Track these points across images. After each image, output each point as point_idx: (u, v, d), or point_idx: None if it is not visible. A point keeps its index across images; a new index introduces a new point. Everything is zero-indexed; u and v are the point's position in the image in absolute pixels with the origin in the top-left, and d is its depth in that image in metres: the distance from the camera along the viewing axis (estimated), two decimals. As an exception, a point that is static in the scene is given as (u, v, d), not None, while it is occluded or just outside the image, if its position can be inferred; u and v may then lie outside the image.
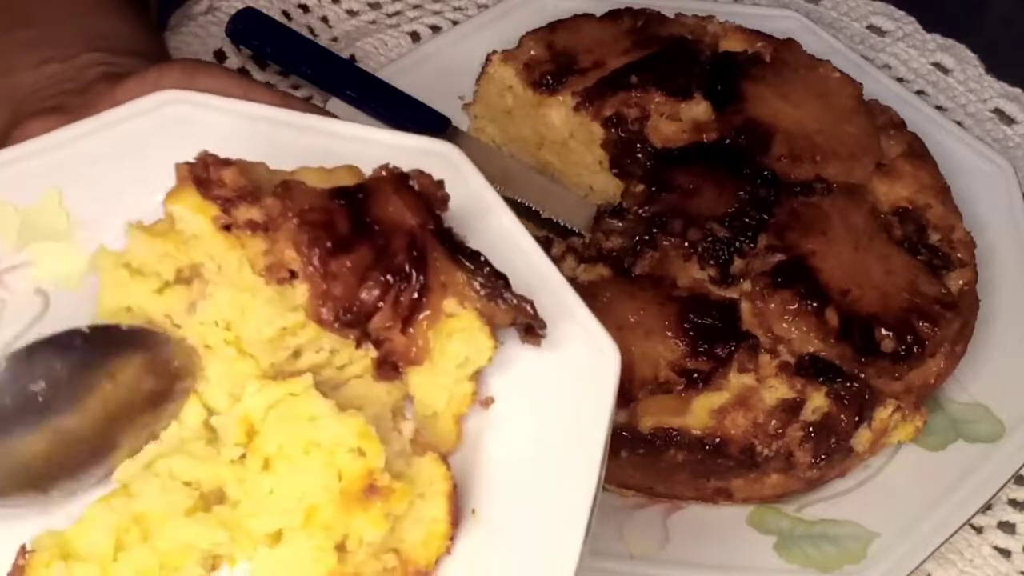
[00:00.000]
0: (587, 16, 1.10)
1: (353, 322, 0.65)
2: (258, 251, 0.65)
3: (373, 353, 0.67)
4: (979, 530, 0.93)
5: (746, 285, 0.93)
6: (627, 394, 0.87)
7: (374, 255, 0.64)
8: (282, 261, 0.64)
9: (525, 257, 0.69)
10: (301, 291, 0.65)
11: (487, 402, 0.68)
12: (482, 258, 0.66)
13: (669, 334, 0.89)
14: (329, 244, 0.63)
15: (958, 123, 1.17)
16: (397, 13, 1.23)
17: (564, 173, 1.07)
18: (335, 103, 1.09)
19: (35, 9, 0.95)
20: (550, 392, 0.67)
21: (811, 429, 0.87)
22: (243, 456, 0.66)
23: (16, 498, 0.66)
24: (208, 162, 0.65)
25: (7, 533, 0.65)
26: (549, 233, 1.02)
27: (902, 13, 1.31)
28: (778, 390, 0.88)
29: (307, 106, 0.88)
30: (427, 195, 0.66)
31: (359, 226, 0.64)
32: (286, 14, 1.21)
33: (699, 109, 1.04)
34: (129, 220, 0.69)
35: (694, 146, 1.01)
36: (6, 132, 0.83)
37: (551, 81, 1.04)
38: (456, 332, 0.65)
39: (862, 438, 0.89)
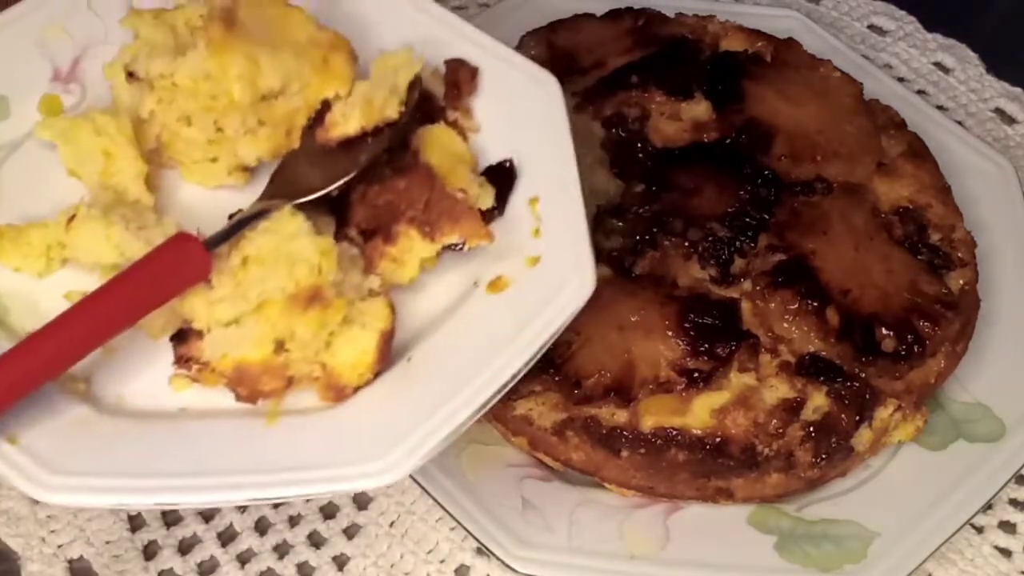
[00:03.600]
0: (587, 16, 1.11)
1: None
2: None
3: None
4: (980, 530, 0.93)
5: (746, 285, 0.93)
6: (628, 394, 0.87)
7: None
8: None
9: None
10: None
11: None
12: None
13: (670, 334, 0.89)
14: None
15: (959, 123, 1.17)
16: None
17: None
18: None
19: None
20: None
21: (812, 429, 0.87)
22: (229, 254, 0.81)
23: None
24: None
25: None
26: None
27: (903, 13, 1.31)
28: (779, 390, 0.88)
29: None
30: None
31: None
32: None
33: (699, 109, 1.04)
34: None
35: (694, 146, 1.01)
36: None
37: (552, 81, 1.04)
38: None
39: (863, 438, 0.89)
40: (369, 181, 0.86)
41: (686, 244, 0.94)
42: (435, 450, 0.74)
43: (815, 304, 0.91)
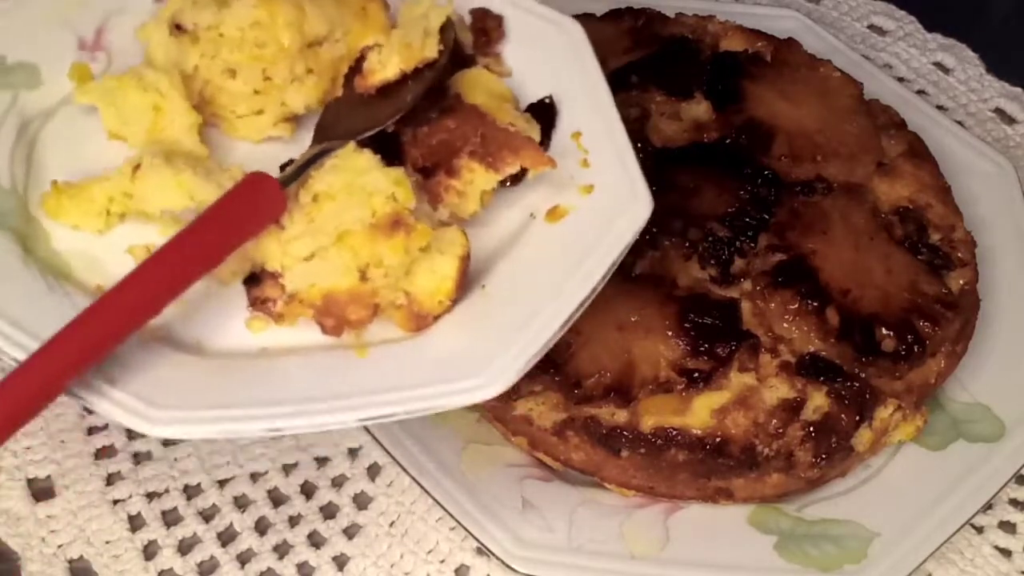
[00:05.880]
0: (587, 16, 1.10)
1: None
2: None
3: None
4: (980, 530, 0.93)
5: (747, 285, 0.93)
6: (628, 394, 0.87)
7: None
8: None
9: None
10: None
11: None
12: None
13: (670, 333, 0.89)
14: None
15: (959, 123, 1.17)
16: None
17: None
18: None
19: None
20: None
21: (812, 429, 0.87)
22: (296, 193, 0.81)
23: None
24: None
25: None
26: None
27: (903, 13, 1.31)
28: (779, 390, 0.88)
29: None
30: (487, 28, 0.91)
31: None
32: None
33: (700, 109, 1.04)
34: None
35: (694, 146, 1.01)
36: None
37: (552, 80, 1.04)
38: None
39: (863, 438, 0.89)
40: (417, 124, 0.86)
41: (686, 244, 0.94)
42: (529, 364, 0.75)
43: (815, 304, 0.91)
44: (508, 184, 0.85)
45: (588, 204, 0.84)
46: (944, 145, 1.09)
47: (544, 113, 0.89)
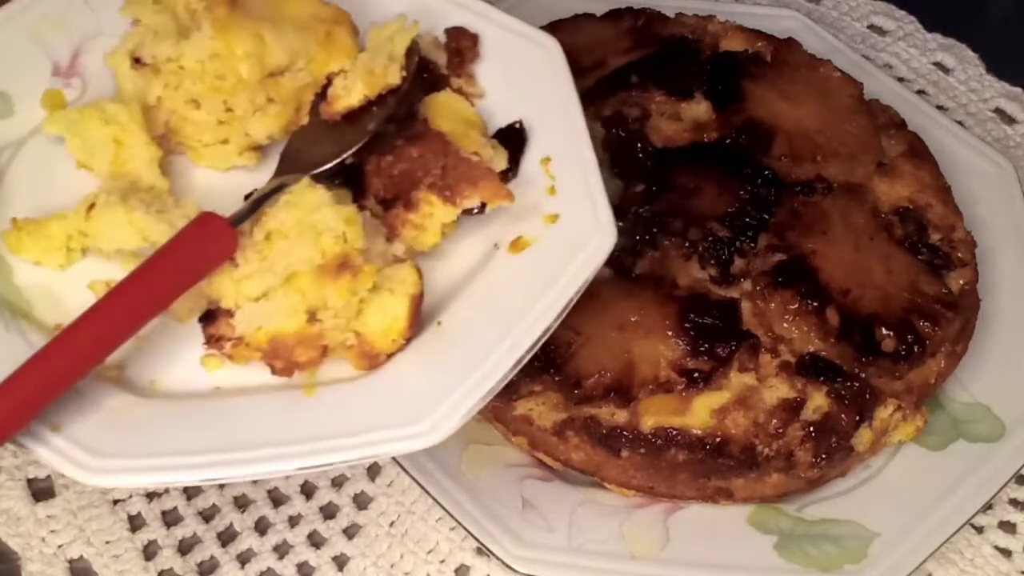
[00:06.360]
0: (588, 15, 1.11)
1: None
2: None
3: None
4: (980, 530, 0.93)
5: (747, 285, 0.93)
6: (628, 394, 0.87)
7: None
8: None
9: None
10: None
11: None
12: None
13: (670, 334, 0.89)
14: None
15: (959, 123, 1.17)
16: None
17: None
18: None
19: None
20: None
21: (812, 429, 0.87)
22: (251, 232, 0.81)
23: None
24: None
25: None
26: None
27: (903, 13, 1.31)
28: (779, 390, 0.88)
29: None
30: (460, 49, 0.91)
31: None
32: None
33: (700, 109, 1.04)
34: None
35: (694, 146, 1.01)
36: None
37: (552, 80, 1.04)
38: None
39: (863, 438, 0.89)
40: (382, 152, 0.86)
41: (686, 244, 0.94)
42: (476, 408, 0.75)
43: (815, 304, 0.91)
44: (474, 212, 0.85)
45: (552, 234, 0.83)
46: (944, 145, 1.09)
47: (513, 138, 0.88)
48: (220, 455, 0.74)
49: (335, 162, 0.85)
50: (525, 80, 0.90)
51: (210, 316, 0.80)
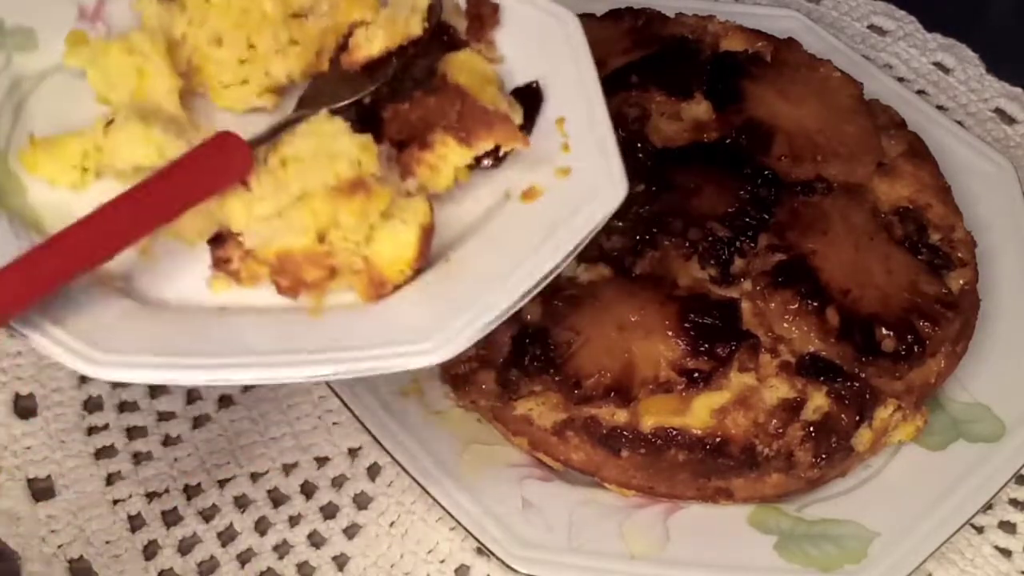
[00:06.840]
0: (587, 15, 1.10)
1: None
2: None
3: None
4: (980, 530, 0.93)
5: (747, 285, 0.93)
6: (628, 394, 0.87)
7: None
8: None
9: None
10: None
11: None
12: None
13: (670, 334, 0.89)
14: None
15: (959, 123, 1.17)
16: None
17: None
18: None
19: None
20: None
21: (812, 429, 0.87)
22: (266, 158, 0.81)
23: None
24: None
25: None
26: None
27: (903, 13, 1.31)
28: (779, 390, 0.88)
29: None
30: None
31: None
32: None
33: (700, 109, 1.04)
34: None
35: (694, 146, 1.01)
36: None
37: (552, 80, 1.04)
38: None
39: (863, 438, 0.89)
40: (400, 101, 0.87)
41: (686, 244, 0.94)
42: (482, 332, 0.75)
43: (815, 304, 0.91)
44: (489, 165, 0.85)
45: (563, 185, 0.84)
46: (944, 145, 1.09)
47: (529, 97, 0.89)
48: (229, 358, 0.74)
49: (354, 99, 0.87)
50: (543, 49, 0.91)
51: (219, 239, 0.80)
